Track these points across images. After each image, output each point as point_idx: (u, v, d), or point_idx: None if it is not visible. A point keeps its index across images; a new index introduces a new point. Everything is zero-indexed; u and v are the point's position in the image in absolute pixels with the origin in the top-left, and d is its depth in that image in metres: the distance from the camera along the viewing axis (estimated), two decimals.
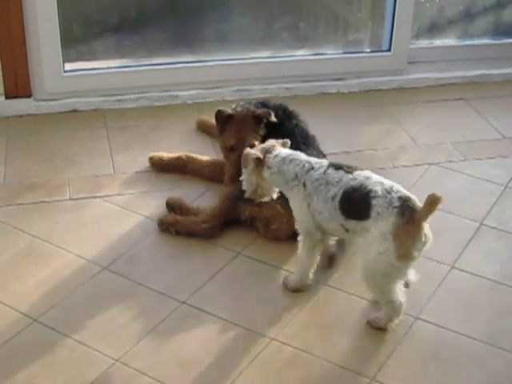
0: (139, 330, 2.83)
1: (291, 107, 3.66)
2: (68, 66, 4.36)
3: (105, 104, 4.40)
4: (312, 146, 3.54)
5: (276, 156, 2.96)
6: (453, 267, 3.23)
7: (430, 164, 3.98)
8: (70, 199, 3.58)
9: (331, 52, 4.86)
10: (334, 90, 4.75)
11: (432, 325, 2.92)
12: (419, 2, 4.93)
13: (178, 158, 3.80)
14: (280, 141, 3.06)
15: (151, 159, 3.84)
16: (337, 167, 2.89)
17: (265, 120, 3.51)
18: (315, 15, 4.96)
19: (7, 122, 4.22)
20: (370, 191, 2.75)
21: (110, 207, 3.54)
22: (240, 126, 3.52)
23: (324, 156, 3.58)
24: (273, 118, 3.51)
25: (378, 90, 4.80)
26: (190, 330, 2.85)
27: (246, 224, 3.38)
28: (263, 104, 3.64)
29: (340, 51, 4.89)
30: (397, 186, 2.78)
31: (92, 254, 3.22)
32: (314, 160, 2.96)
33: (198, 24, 4.64)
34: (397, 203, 2.71)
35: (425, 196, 3.66)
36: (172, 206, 3.47)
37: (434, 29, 5.18)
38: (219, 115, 3.53)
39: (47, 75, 4.27)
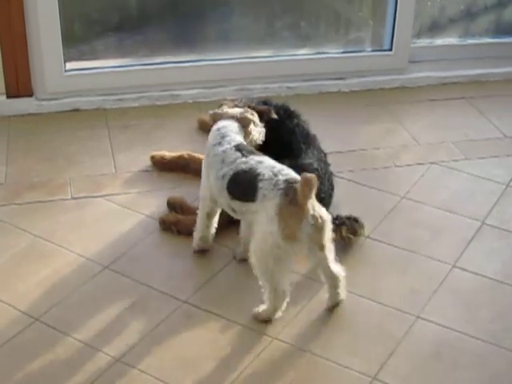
0: (141, 329, 2.83)
1: (292, 107, 3.66)
2: (69, 66, 4.35)
3: (106, 103, 4.40)
4: (313, 145, 3.55)
5: (219, 123, 3.08)
6: (454, 266, 3.23)
7: (432, 163, 3.98)
8: (72, 198, 3.58)
9: (332, 51, 4.86)
10: (335, 89, 4.75)
11: (433, 324, 2.92)
12: (420, 1, 4.93)
13: (180, 157, 3.80)
14: (248, 115, 3.14)
15: (153, 158, 3.85)
16: (238, 149, 2.93)
17: (266, 117, 3.51)
18: (316, 14, 4.95)
19: (8, 121, 4.22)
20: (258, 174, 2.78)
21: (111, 206, 3.54)
22: None
23: (325, 155, 3.58)
24: (273, 115, 3.51)
25: (380, 89, 4.80)
26: (191, 329, 2.85)
27: None
28: (265, 103, 3.64)
29: (341, 50, 4.89)
30: (287, 171, 2.79)
31: (93, 253, 3.22)
32: (229, 138, 2.99)
33: (199, 23, 4.64)
34: (282, 185, 2.72)
35: (426, 195, 3.69)
36: (173, 206, 3.47)
37: (435, 28, 5.18)
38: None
39: (48, 74, 4.27)
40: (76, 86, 4.37)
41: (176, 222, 3.36)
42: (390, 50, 4.84)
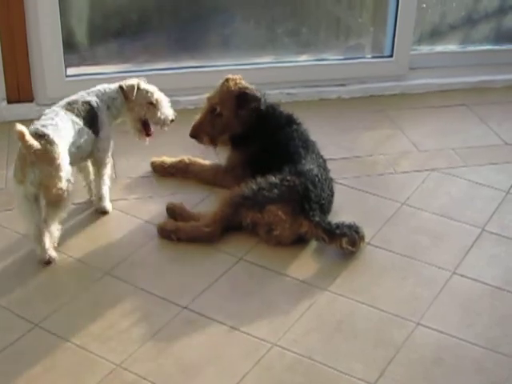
0: (140, 334, 2.83)
1: (295, 115, 3.69)
2: (70, 71, 4.36)
3: None
4: (312, 151, 3.56)
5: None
6: (454, 273, 3.23)
7: (432, 170, 3.98)
8: (72, 203, 3.57)
9: (333, 57, 4.87)
10: (335, 96, 4.75)
11: (433, 330, 2.92)
12: (421, 8, 4.94)
13: (180, 161, 3.82)
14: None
15: (153, 164, 3.85)
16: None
17: (252, 104, 3.65)
18: (317, 21, 4.96)
19: (9, 126, 4.21)
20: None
21: (111, 212, 3.53)
22: (224, 93, 3.68)
23: (324, 161, 3.59)
24: (261, 106, 3.67)
25: (380, 95, 4.80)
26: (191, 335, 2.85)
27: (247, 229, 3.38)
28: (272, 106, 3.68)
29: (342, 57, 4.90)
30: (49, 123, 3.10)
31: (93, 259, 3.22)
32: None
33: (199, 29, 4.64)
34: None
35: (427, 202, 3.69)
36: (172, 212, 3.47)
37: (435, 34, 5.18)
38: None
39: (49, 80, 4.28)
40: (77, 91, 4.35)
41: (175, 229, 3.35)
42: (391, 56, 4.85)
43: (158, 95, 3.45)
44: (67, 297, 3.01)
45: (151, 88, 3.44)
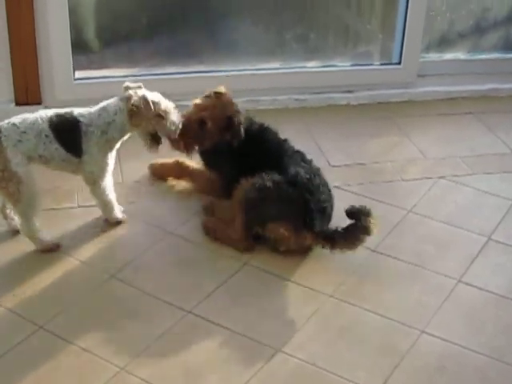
0: (145, 338, 2.83)
1: (266, 124, 3.62)
2: (78, 74, 4.37)
3: None
4: (295, 161, 3.46)
5: None
6: (460, 281, 3.23)
7: (439, 177, 3.97)
8: (79, 207, 3.58)
9: (341, 64, 4.87)
10: (343, 102, 4.75)
11: (438, 338, 2.91)
12: (430, 16, 4.93)
13: (176, 163, 3.81)
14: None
15: (151, 167, 3.87)
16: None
17: (237, 129, 3.51)
18: (325, 27, 4.96)
19: None
20: None
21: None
22: (217, 110, 3.58)
23: (319, 169, 3.49)
24: (240, 136, 3.51)
25: (388, 102, 4.80)
26: (195, 340, 2.85)
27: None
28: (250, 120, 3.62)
29: (350, 63, 4.89)
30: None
31: (99, 262, 3.23)
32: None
33: (208, 34, 4.65)
34: None
35: (433, 209, 3.69)
36: (208, 209, 3.51)
37: (444, 42, 5.18)
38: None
39: (58, 83, 4.29)
40: (85, 94, 4.37)
41: (214, 230, 3.39)
42: (399, 63, 4.85)
43: (164, 105, 3.28)
44: (72, 299, 3.01)
45: (156, 98, 3.28)
